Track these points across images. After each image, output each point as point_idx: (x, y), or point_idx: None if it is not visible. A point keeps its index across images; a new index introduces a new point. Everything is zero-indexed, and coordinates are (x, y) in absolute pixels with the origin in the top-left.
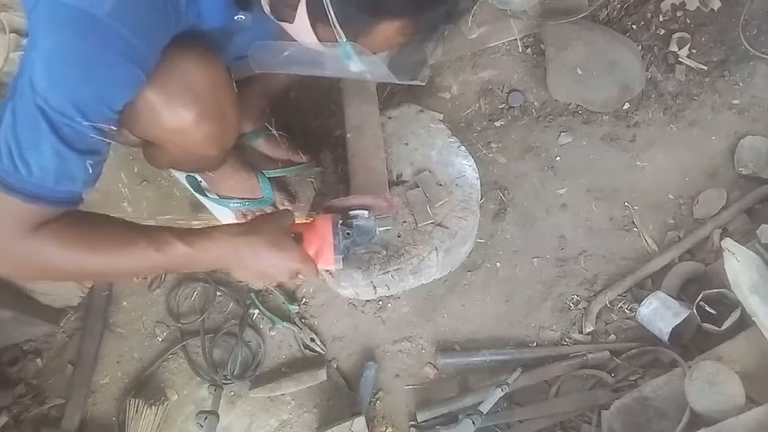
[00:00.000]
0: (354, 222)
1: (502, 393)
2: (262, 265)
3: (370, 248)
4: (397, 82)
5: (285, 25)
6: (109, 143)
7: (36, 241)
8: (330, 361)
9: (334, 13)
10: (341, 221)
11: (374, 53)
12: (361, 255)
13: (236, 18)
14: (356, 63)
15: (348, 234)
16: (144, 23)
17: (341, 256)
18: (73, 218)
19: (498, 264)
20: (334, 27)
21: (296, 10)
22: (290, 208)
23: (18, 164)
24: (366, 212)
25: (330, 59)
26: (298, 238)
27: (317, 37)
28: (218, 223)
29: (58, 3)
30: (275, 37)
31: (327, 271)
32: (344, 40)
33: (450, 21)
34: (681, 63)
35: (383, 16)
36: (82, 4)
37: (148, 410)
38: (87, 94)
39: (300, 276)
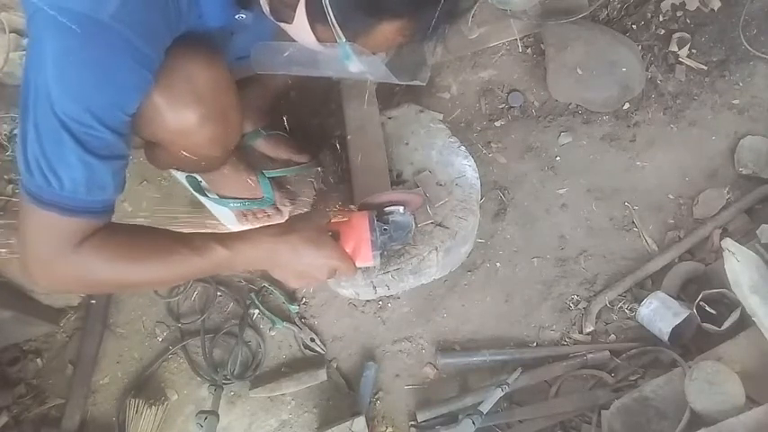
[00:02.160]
0: (391, 218)
1: (502, 393)
2: (301, 263)
3: (406, 244)
4: (398, 82)
5: (284, 26)
6: (129, 146)
7: (81, 256)
8: (330, 361)
9: (333, 14)
10: (377, 218)
11: (374, 53)
12: (396, 251)
13: (236, 17)
14: (356, 63)
15: (385, 230)
16: (147, 26)
17: (378, 253)
18: (113, 230)
19: (498, 264)
20: (334, 27)
21: (295, 10)
22: (290, 208)
23: (49, 178)
24: (401, 208)
25: (329, 60)
26: (335, 236)
27: (317, 37)
28: (217, 223)
29: (62, 8)
30: (275, 36)
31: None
32: (344, 40)
33: (451, 20)
34: (681, 63)
35: (382, 16)
36: (85, 8)
37: (148, 410)
38: (101, 100)
39: (338, 274)
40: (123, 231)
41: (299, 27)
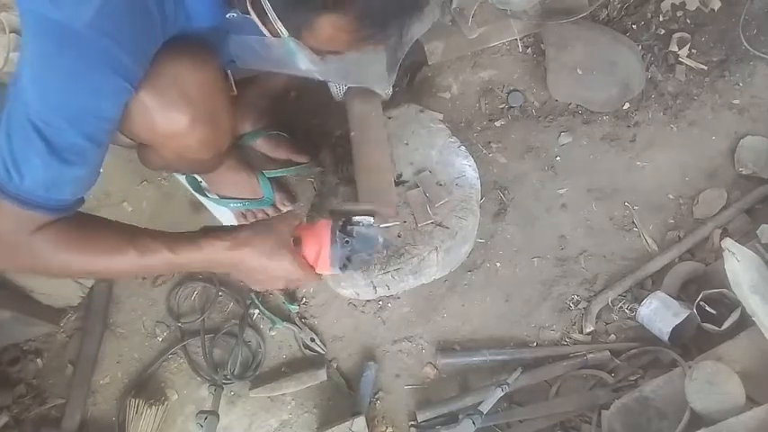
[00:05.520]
0: (356, 230)
1: (502, 393)
2: (256, 274)
3: (374, 254)
4: (353, 85)
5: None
6: (101, 151)
7: (34, 243)
8: (330, 361)
9: (272, 6)
10: (342, 226)
11: (330, 52)
12: (365, 258)
13: (227, 16)
14: (303, 60)
15: (347, 242)
16: (127, 32)
17: (337, 264)
18: (70, 222)
19: (498, 264)
20: (274, 21)
21: (246, 4)
22: (290, 208)
23: (12, 173)
24: (371, 219)
25: (282, 56)
26: (299, 241)
27: (269, 31)
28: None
29: (40, 15)
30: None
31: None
32: (286, 34)
33: (402, 19)
34: (681, 63)
35: (320, 10)
36: (61, 16)
37: (148, 410)
38: (72, 105)
39: (301, 282)
40: (78, 225)
41: (255, 21)
